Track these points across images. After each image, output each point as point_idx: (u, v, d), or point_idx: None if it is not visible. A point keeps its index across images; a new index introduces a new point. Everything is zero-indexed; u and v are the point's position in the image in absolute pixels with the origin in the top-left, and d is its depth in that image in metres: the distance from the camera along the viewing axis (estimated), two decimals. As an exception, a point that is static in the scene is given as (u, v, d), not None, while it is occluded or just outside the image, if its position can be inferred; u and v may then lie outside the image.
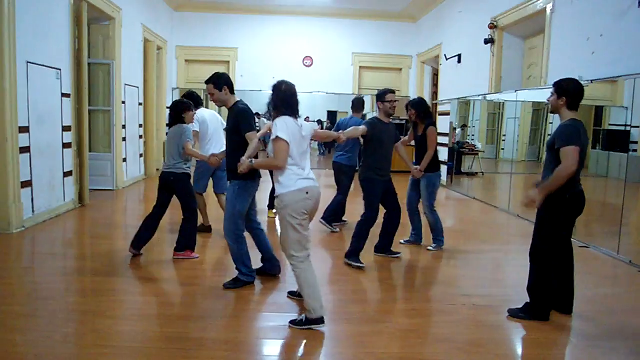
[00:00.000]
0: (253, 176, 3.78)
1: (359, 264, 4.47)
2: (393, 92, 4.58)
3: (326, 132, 3.71)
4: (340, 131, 4.74)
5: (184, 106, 4.59)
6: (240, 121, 3.79)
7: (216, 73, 3.96)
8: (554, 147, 3.24)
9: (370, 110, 11.95)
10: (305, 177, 3.21)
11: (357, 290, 4.04)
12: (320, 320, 3.16)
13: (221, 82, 3.87)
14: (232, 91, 3.92)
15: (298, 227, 3.15)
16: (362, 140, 4.95)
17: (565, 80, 3.33)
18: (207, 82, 3.90)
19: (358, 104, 6.19)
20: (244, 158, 3.50)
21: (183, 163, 4.49)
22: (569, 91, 3.26)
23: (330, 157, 4.60)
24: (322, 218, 5.95)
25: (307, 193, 3.17)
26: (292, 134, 3.15)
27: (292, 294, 3.67)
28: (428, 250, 5.16)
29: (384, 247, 4.89)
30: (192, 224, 4.60)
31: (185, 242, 4.58)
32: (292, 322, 3.23)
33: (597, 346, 3.10)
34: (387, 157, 4.64)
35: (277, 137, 3.12)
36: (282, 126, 3.13)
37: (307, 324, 3.17)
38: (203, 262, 4.56)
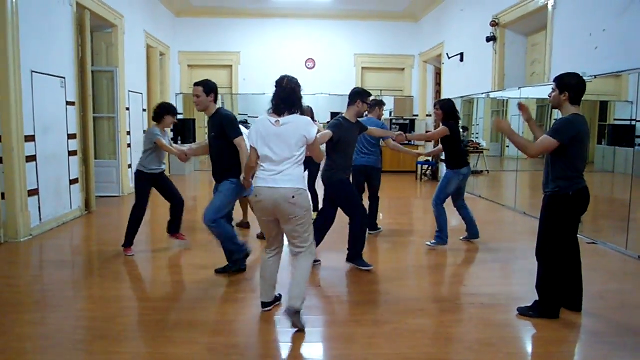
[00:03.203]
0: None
1: (367, 267, 4.40)
2: (371, 95, 4.64)
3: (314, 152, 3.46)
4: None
5: (167, 109, 4.87)
6: (226, 126, 3.95)
7: (207, 80, 4.15)
8: None
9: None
10: (263, 178, 3.15)
11: (363, 291, 4.03)
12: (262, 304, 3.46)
13: (210, 88, 4.06)
14: (215, 100, 4.11)
15: (260, 223, 3.36)
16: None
17: (567, 75, 3.29)
18: (196, 84, 4.07)
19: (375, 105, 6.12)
20: (243, 177, 3.70)
21: (153, 162, 4.80)
22: (571, 86, 3.22)
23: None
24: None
25: (256, 196, 3.19)
26: (256, 133, 3.18)
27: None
28: (427, 245, 5.12)
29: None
30: (131, 219, 4.84)
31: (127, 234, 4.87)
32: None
33: (607, 342, 3.08)
34: (351, 156, 4.58)
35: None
36: (251, 129, 3.27)
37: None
38: (212, 267, 4.54)
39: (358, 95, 4.40)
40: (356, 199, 4.44)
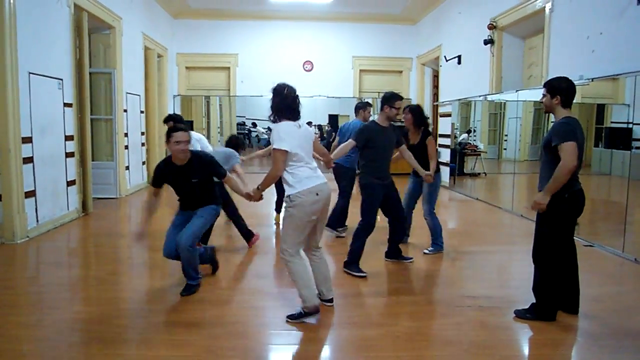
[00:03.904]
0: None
1: (360, 274, 4.36)
2: (402, 98, 4.52)
3: (320, 149, 3.72)
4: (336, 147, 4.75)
5: (242, 144, 5.53)
6: (214, 168, 3.95)
7: (178, 125, 3.92)
8: (550, 145, 3.24)
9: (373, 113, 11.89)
10: (315, 176, 3.31)
11: (362, 293, 4.03)
12: (315, 310, 3.33)
13: (191, 135, 3.98)
14: None
15: (301, 227, 3.28)
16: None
17: (556, 79, 3.34)
18: (180, 131, 3.72)
19: (360, 107, 6.14)
20: (248, 192, 3.64)
21: None
22: (561, 89, 3.27)
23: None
24: (327, 225, 5.98)
25: (317, 194, 3.26)
26: (291, 138, 3.23)
27: (290, 318, 3.40)
28: (424, 253, 5.09)
29: (395, 253, 4.80)
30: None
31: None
32: (289, 316, 3.37)
33: (604, 345, 3.09)
34: (386, 160, 4.52)
35: (274, 148, 3.21)
36: (281, 136, 3.21)
37: (303, 316, 3.33)
38: (209, 268, 4.53)
39: (385, 101, 4.45)
40: (369, 208, 4.41)
